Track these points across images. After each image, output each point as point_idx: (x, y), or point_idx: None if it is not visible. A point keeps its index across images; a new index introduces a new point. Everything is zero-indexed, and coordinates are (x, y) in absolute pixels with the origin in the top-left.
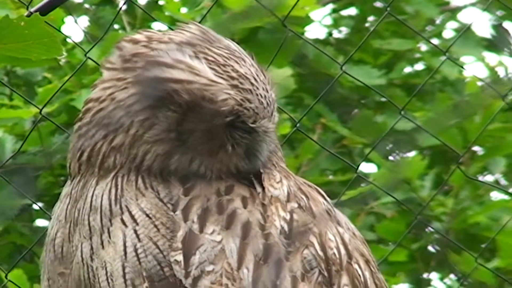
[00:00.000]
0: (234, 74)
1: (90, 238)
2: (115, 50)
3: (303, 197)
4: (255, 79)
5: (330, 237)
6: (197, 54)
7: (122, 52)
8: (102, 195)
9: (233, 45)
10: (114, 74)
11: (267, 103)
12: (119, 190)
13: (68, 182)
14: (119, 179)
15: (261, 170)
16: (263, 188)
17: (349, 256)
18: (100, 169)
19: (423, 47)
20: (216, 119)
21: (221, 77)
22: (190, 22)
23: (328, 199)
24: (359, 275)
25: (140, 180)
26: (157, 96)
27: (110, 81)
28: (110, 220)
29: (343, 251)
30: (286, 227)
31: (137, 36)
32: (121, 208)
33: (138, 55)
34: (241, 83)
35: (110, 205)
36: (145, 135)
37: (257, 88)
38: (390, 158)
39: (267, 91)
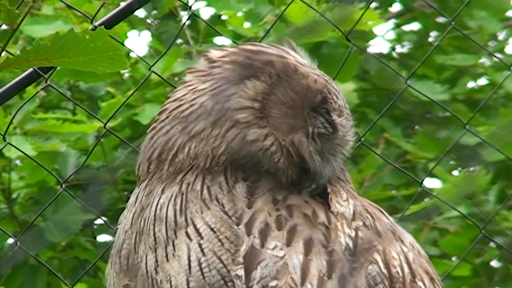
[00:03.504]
0: (324, 75)
1: (155, 250)
2: (200, 59)
3: (368, 216)
4: (339, 91)
5: (394, 255)
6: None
7: (209, 57)
8: (168, 205)
9: None
10: (198, 74)
11: (349, 113)
12: (184, 201)
13: (135, 189)
14: (184, 187)
15: (328, 182)
16: (329, 203)
17: (413, 274)
18: (169, 167)
19: (486, 62)
20: (304, 95)
21: (313, 68)
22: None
23: (391, 219)
24: None
25: (205, 191)
26: (249, 64)
27: (192, 80)
28: (175, 232)
29: (406, 269)
30: (351, 244)
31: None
32: (186, 220)
33: (228, 55)
34: (330, 81)
35: (175, 215)
36: (231, 105)
37: (342, 98)
38: (454, 172)
39: (348, 107)
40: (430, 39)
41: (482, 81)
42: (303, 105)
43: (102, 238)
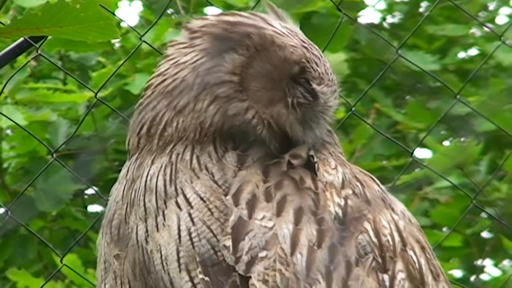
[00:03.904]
0: (304, 40)
1: (145, 220)
2: (182, 31)
3: (358, 184)
4: (321, 55)
5: (384, 224)
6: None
7: (189, 27)
8: (158, 176)
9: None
10: (180, 47)
11: (332, 79)
12: (173, 170)
13: (126, 163)
14: (173, 157)
15: (314, 148)
16: (316, 172)
17: (404, 243)
18: (159, 140)
19: (477, 32)
20: (282, 67)
21: (293, 37)
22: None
23: (382, 187)
24: (414, 261)
25: (194, 160)
26: (227, 37)
27: (174, 53)
28: (165, 202)
29: (397, 238)
30: (340, 213)
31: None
32: (176, 190)
33: (208, 25)
34: (310, 48)
35: (165, 185)
36: (210, 80)
37: (324, 62)
38: (445, 143)
39: (331, 71)
40: (421, 10)
41: (473, 52)
42: (281, 76)
43: (93, 208)
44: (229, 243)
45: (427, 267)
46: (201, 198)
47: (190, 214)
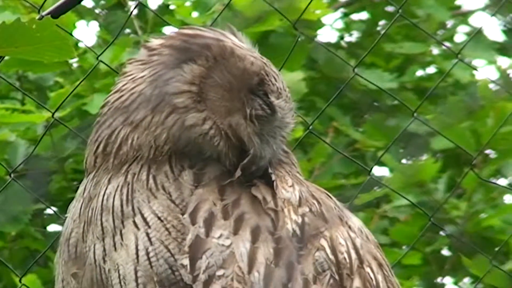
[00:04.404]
0: (262, 57)
1: (103, 239)
2: (141, 49)
3: (315, 202)
4: (279, 74)
5: (341, 241)
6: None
7: (148, 46)
8: (114, 195)
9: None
10: (137, 64)
11: (289, 96)
12: (130, 190)
13: (84, 180)
14: (129, 177)
15: (270, 163)
16: (273, 186)
17: (361, 260)
18: (114, 159)
19: (435, 50)
20: (241, 77)
21: (251, 51)
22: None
23: (339, 204)
24: (371, 278)
25: (151, 180)
26: (186, 48)
27: (132, 70)
28: (123, 222)
29: (354, 255)
30: (298, 230)
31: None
32: (133, 209)
33: (167, 38)
34: (268, 64)
35: (121, 205)
36: (168, 90)
37: (282, 80)
38: (403, 161)
39: (288, 90)
40: (378, 28)
41: (431, 70)
42: (240, 87)
43: (52, 228)
44: (186, 262)
45: (385, 284)
46: (159, 218)
47: (147, 234)
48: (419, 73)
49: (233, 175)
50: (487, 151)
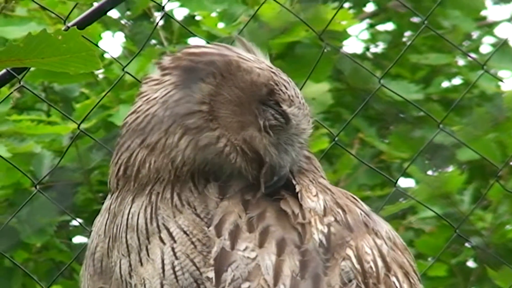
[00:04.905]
0: (271, 67)
1: (129, 255)
2: (155, 67)
3: (340, 210)
4: (291, 81)
5: (367, 250)
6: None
7: (161, 64)
8: (139, 214)
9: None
10: (152, 84)
11: (303, 102)
12: (154, 209)
13: (109, 195)
14: (153, 197)
15: (291, 171)
16: (297, 195)
17: (387, 268)
18: (135, 182)
19: (460, 61)
20: (250, 90)
21: (259, 62)
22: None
23: (366, 209)
24: (397, 287)
25: (176, 197)
26: (193, 68)
27: (147, 90)
28: (148, 238)
29: (380, 263)
30: (324, 240)
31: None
32: (158, 226)
33: (175, 59)
34: (278, 73)
35: (146, 223)
36: (179, 111)
37: (294, 87)
38: (429, 172)
39: (302, 96)
40: (404, 39)
41: (457, 81)
42: (250, 100)
43: (77, 239)
44: (211, 274)
45: None
46: (184, 232)
47: (173, 248)
48: (445, 84)
49: (258, 188)
50: None
